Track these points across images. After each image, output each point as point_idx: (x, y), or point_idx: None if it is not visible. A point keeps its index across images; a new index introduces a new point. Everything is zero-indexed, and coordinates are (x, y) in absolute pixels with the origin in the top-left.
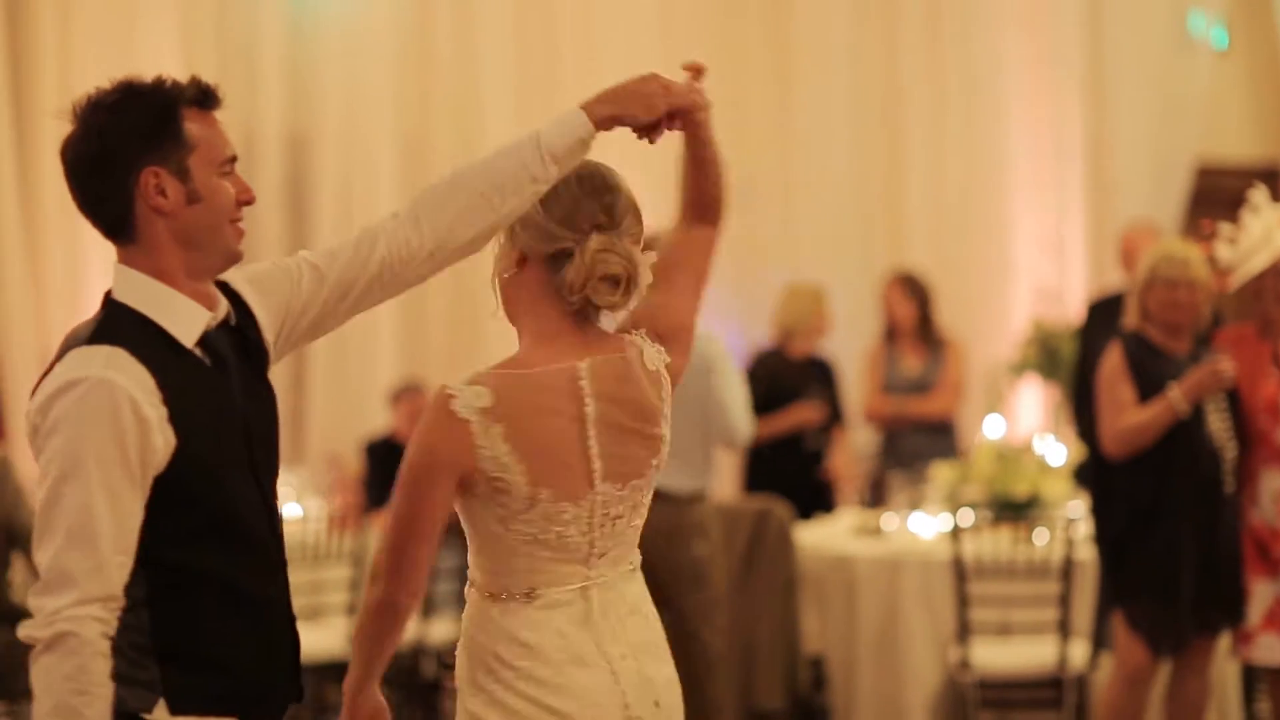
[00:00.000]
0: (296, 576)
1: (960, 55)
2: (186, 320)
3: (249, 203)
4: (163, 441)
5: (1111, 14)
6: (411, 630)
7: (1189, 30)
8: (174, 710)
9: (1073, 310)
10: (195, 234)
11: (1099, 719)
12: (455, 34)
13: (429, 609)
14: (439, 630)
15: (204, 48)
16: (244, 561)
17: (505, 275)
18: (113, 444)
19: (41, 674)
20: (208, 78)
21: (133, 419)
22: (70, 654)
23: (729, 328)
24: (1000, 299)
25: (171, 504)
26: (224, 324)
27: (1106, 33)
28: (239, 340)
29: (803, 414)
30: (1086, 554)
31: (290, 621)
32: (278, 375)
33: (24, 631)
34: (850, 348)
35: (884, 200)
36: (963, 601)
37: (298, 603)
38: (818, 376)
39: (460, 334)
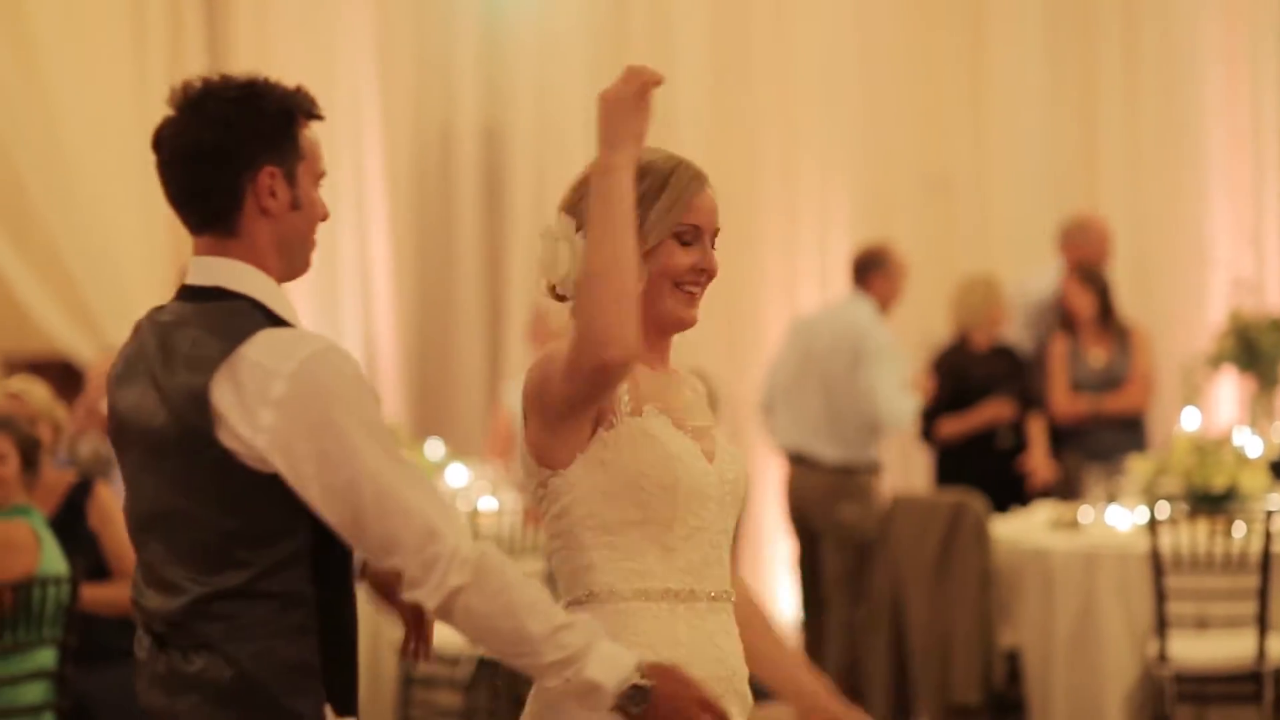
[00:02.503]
0: None
1: (1156, 46)
2: (294, 318)
3: (324, 219)
4: None
5: None
6: None
7: None
8: (339, 711)
9: (1271, 301)
10: (292, 240)
11: None
12: (650, 29)
13: None
14: None
15: (401, 44)
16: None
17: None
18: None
19: (473, 616)
20: (405, 73)
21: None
22: (489, 572)
23: (909, 319)
24: (1197, 290)
25: None
26: None
27: None
28: None
29: (994, 411)
30: None
31: None
32: (479, 368)
33: (414, 594)
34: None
35: (1078, 193)
36: (1160, 595)
37: None
38: (1005, 367)
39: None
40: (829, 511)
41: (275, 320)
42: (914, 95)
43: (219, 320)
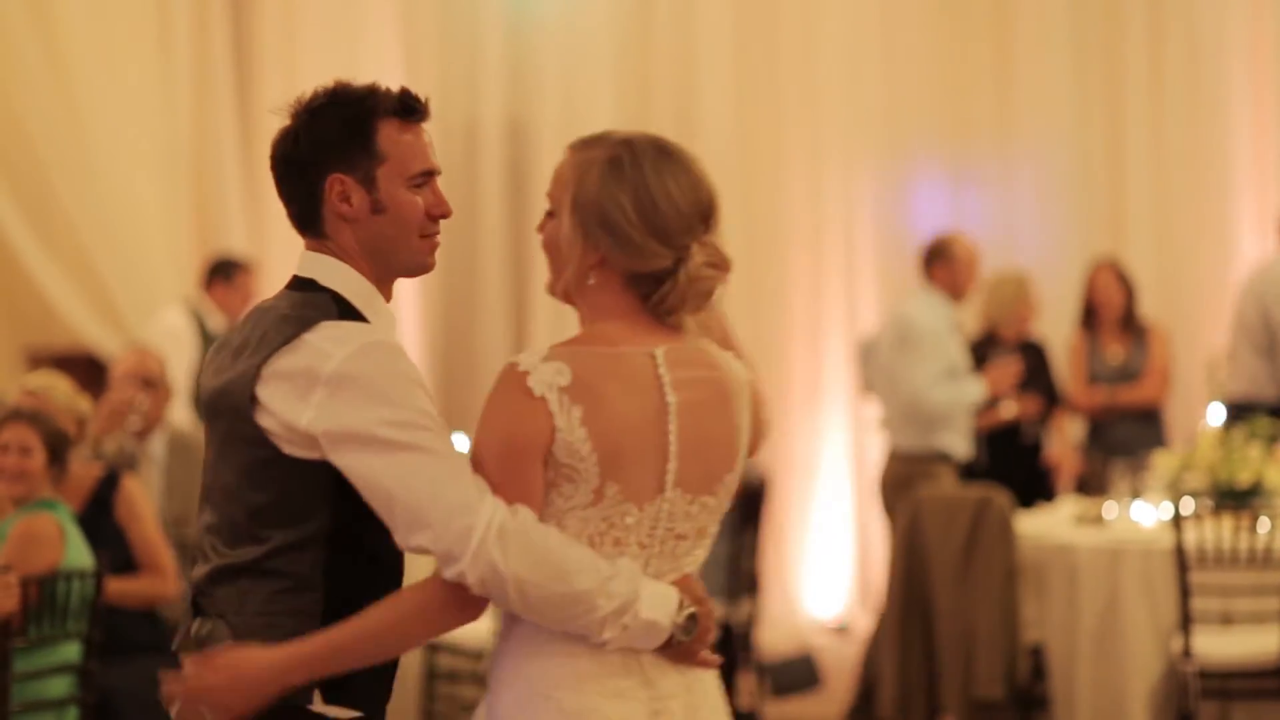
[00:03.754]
0: None
1: (1182, 41)
2: (386, 321)
3: (443, 216)
4: None
5: None
6: None
7: None
8: (328, 699)
9: None
10: (379, 243)
11: None
12: (674, 24)
13: None
14: None
15: (426, 38)
16: (396, 551)
17: (589, 283)
18: None
19: (525, 588)
20: (430, 67)
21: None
22: (531, 541)
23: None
24: (1222, 285)
25: None
26: None
27: None
28: None
29: (1020, 405)
30: None
31: None
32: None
33: (455, 569)
34: (1069, 335)
35: (1104, 188)
36: (1184, 591)
37: None
38: (1032, 363)
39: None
40: (893, 499)
41: (353, 314)
42: (938, 91)
43: (298, 309)
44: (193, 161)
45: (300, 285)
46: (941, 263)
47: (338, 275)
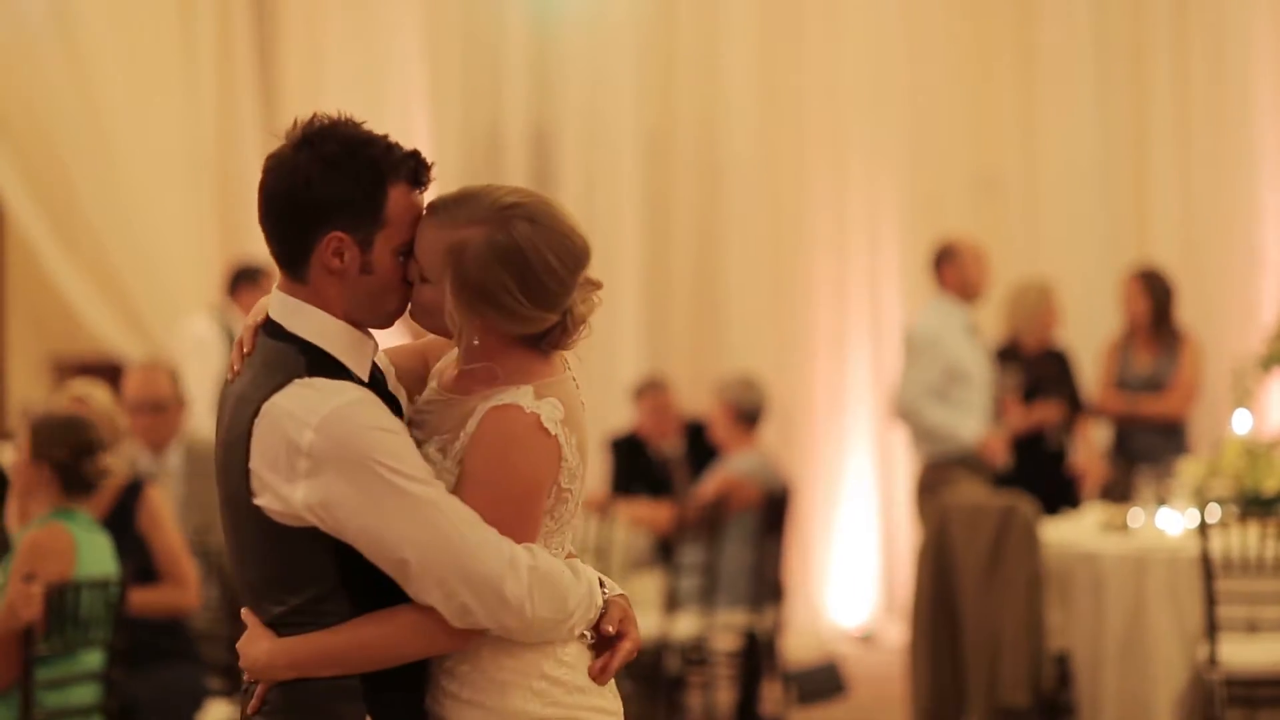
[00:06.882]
0: None
1: (1207, 46)
2: (360, 351)
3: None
4: None
5: None
6: (654, 625)
7: None
8: None
9: None
10: (358, 299)
11: None
12: (698, 29)
13: (672, 604)
14: (683, 625)
15: (450, 46)
16: None
17: (473, 344)
18: None
19: (539, 626)
20: (454, 75)
21: None
22: (547, 588)
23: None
24: (1248, 292)
25: None
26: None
27: None
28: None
29: (1043, 413)
30: None
31: None
32: None
33: (481, 623)
34: (1094, 342)
35: (1130, 194)
36: (1210, 598)
37: None
38: (1055, 370)
39: (703, 329)
40: (925, 505)
41: (327, 363)
42: (963, 96)
43: (268, 364)
44: (216, 169)
45: (271, 330)
46: (949, 265)
47: (310, 322)
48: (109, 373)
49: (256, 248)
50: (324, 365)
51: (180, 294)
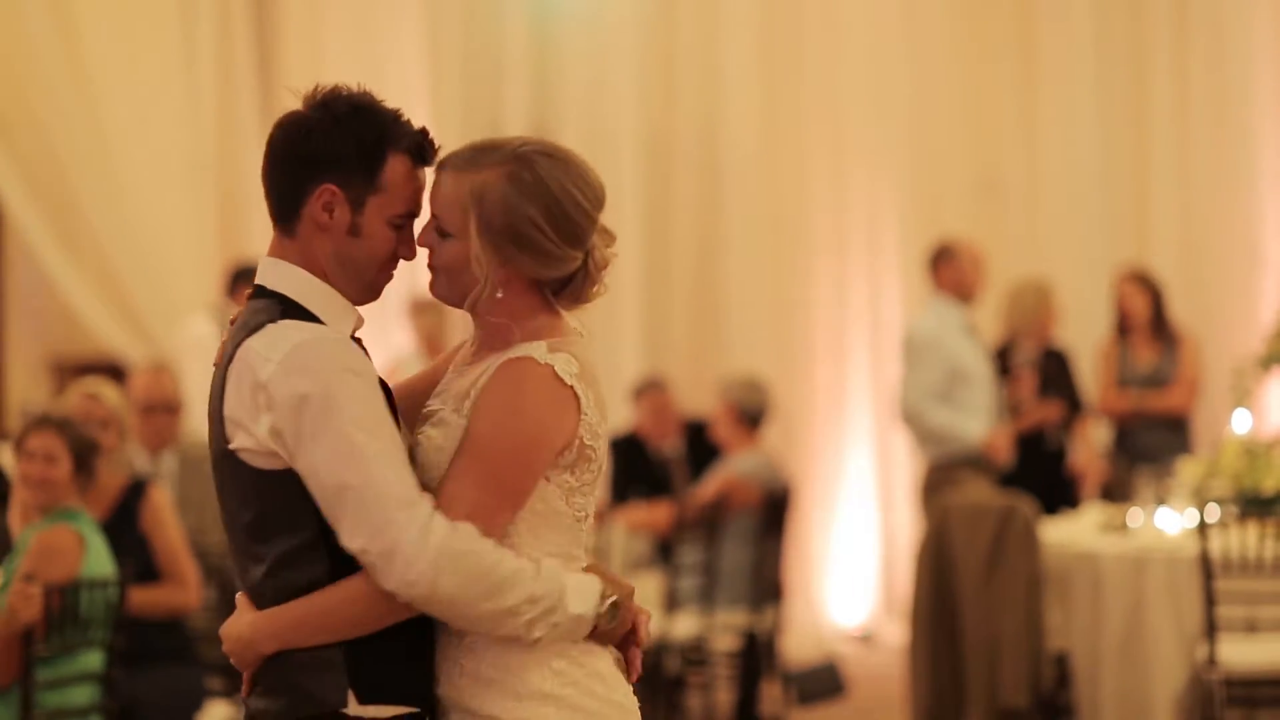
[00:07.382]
0: None
1: (1207, 47)
2: (341, 316)
3: (406, 259)
4: None
5: None
6: (654, 625)
7: None
8: (364, 700)
9: None
10: (344, 262)
11: None
12: (699, 29)
13: (672, 604)
14: (683, 625)
15: (451, 45)
16: None
17: (498, 296)
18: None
19: (456, 605)
20: (454, 73)
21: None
22: (461, 557)
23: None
24: (1248, 292)
25: None
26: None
27: None
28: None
29: (1043, 412)
30: None
31: None
32: None
33: (383, 582)
34: (1095, 343)
35: (1130, 195)
36: (1209, 598)
37: None
38: (1054, 370)
39: (703, 330)
40: (928, 504)
41: (305, 316)
42: (963, 97)
43: (245, 322)
44: (216, 169)
45: (256, 294)
46: (945, 265)
47: (290, 278)
48: (109, 373)
49: (256, 248)
50: (301, 316)
51: (180, 294)
